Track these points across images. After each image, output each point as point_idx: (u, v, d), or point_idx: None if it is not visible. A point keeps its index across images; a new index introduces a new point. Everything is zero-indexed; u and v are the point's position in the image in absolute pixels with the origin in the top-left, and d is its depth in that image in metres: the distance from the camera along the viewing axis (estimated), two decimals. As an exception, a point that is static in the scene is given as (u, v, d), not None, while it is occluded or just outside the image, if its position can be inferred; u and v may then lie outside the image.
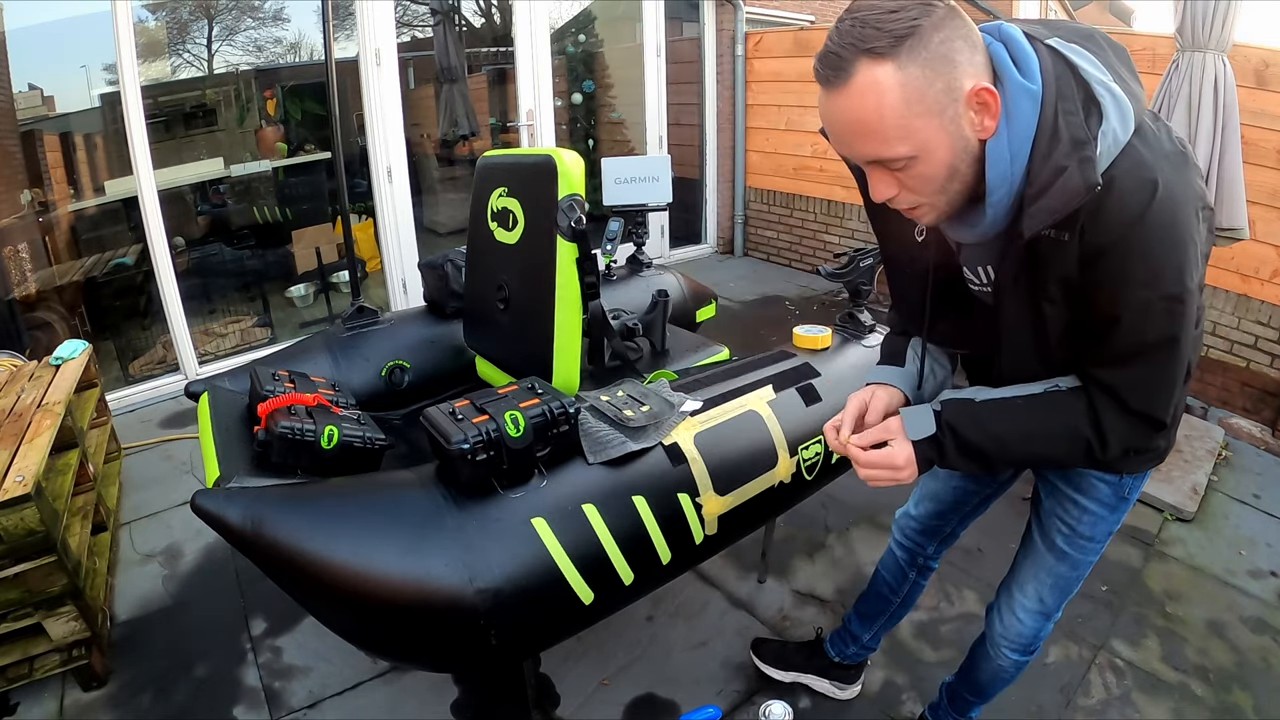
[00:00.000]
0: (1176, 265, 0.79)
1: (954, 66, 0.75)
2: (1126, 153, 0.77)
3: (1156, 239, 0.78)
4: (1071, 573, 1.20)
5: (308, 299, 4.45)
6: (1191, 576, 2.13)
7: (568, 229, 1.43)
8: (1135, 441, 0.93)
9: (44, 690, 1.75)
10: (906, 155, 0.78)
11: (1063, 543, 1.17)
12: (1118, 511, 1.13)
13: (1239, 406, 3.08)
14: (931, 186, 0.82)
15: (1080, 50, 0.81)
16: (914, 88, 0.74)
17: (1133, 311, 0.81)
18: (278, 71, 4.70)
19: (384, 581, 1.09)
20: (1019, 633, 1.28)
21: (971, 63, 0.77)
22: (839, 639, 1.69)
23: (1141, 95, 0.82)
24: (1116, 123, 0.77)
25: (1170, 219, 0.77)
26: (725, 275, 4.98)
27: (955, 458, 0.96)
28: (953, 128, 0.77)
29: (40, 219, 3.52)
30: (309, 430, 1.29)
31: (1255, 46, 2.71)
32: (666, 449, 1.35)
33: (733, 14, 4.88)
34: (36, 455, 1.67)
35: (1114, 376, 0.88)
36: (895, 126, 0.76)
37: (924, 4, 0.74)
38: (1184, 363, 0.87)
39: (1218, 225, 2.29)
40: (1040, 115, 0.78)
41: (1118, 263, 0.79)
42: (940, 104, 0.76)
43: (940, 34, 0.74)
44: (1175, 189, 0.77)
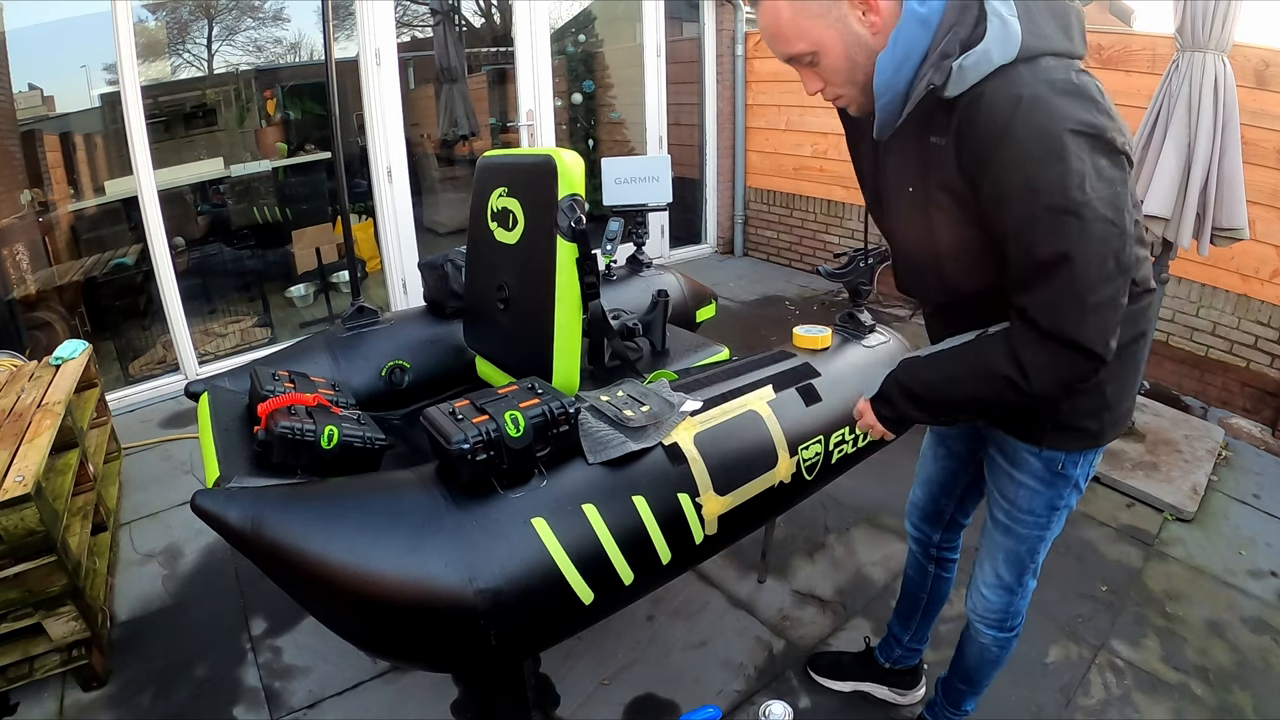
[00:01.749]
0: (1055, 177, 0.82)
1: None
2: (1003, 72, 0.85)
3: (1026, 150, 0.83)
4: (1019, 546, 1.23)
5: (308, 299, 4.45)
6: (1191, 576, 2.13)
7: (568, 229, 1.43)
8: (1061, 371, 0.91)
9: (44, 690, 1.75)
10: (807, 51, 0.96)
11: (1003, 516, 1.23)
12: (1054, 487, 1.15)
13: (1239, 406, 3.08)
14: (840, 77, 0.97)
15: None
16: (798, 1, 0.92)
17: (1018, 225, 0.87)
18: (278, 71, 4.70)
19: (384, 581, 1.09)
20: (986, 608, 1.32)
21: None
22: (885, 645, 1.69)
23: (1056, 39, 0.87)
24: (995, 44, 0.84)
25: (1038, 132, 0.83)
26: (725, 275, 4.98)
27: (904, 405, 1.09)
28: (840, 26, 0.92)
29: (40, 219, 3.52)
30: (309, 430, 1.29)
31: (1255, 46, 2.71)
32: (666, 449, 1.35)
33: (733, 14, 4.88)
34: (36, 455, 1.68)
35: (1022, 299, 0.91)
36: (791, 28, 0.95)
37: None
38: (1092, 279, 0.85)
39: (1217, 225, 2.29)
40: (934, 35, 0.89)
41: (995, 175, 0.86)
42: (823, 8, 0.92)
43: None
44: (1046, 106, 0.83)
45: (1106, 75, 3.18)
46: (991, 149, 0.85)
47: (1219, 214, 2.28)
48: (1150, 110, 2.33)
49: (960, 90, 0.86)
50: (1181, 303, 3.17)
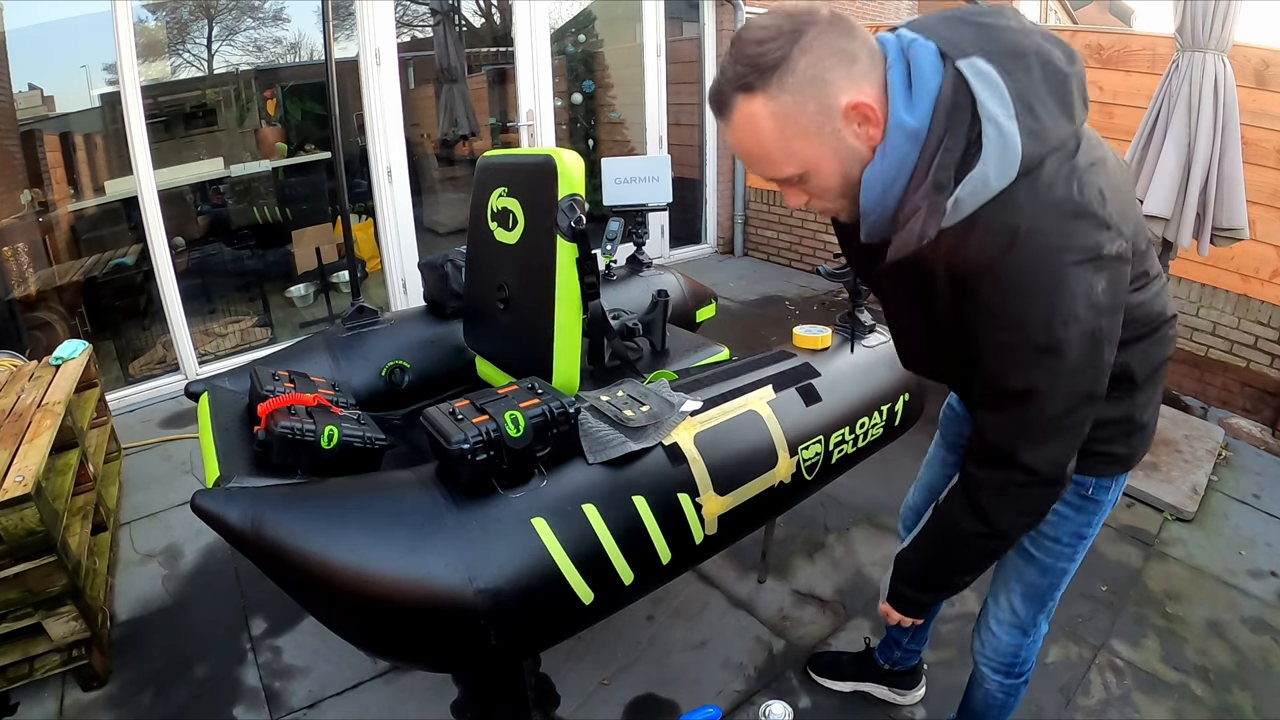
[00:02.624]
0: (1041, 314, 0.77)
1: (825, 85, 0.77)
2: (999, 198, 0.76)
3: (1017, 285, 0.78)
4: (1041, 579, 1.17)
5: (308, 299, 4.45)
6: (1191, 576, 2.13)
7: (568, 229, 1.43)
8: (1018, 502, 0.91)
9: (44, 690, 1.75)
10: (797, 173, 0.83)
11: (1028, 543, 1.16)
12: (1084, 513, 1.11)
13: (1239, 406, 3.08)
14: (831, 194, 0.86)
15: (993, 78, 0.77)
16: (786, 114, 0.78)
17: (995, 350, 0.83)
18: (278, 71, 4.70)
19: (384, 581, 1.09)
20: (995, 649, 1.26)
21: (849, 76, 0.78)
22: (885, 646, 1.69)
23: (1061, 133, 0.79)
24: (993, 167, 0.76)
25: (1032, 267, 0.77)
26: (725, 275, 4.98)
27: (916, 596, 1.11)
28: (834, 142, 0.80)
29: (40, 219, 3.52)
30: (309, 430, 1.29)
31: (1255, 46, 2.71)
32: (666, 449, 1.35)
33: (733, 14, 4.88)
34: (36, 455, 1.67)
35: (983, 414, 0.90)
36: (777, 151, 0.81)
37: (793, 30, 0.76)
38: (1057, 414, 0.83)
39: (1217, 225, 2.29)
40: (922, 149, 0.79)
41: (983, 302, 0.80)
42: (816, 123, 0.79)
43: (808, 57, 0.76)
44: (1045, 238, 0.76)
45: (1106, 75, 3.18)
46: (981, 278, 0.79)
47: (1219, 214, 2.28)
48: (1150, 110, 2.34)
49: (956, 220, 0.78)
50: (1181, 303, 3.17)
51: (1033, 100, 0.77)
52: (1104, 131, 3.26)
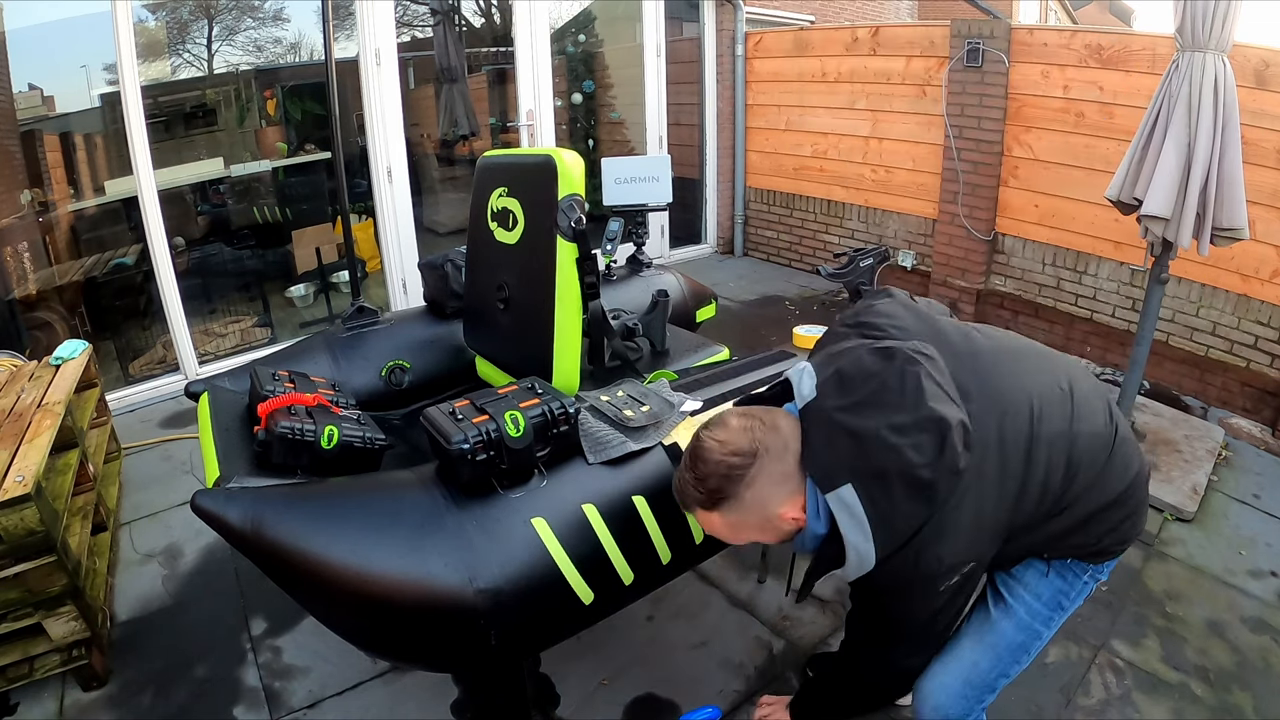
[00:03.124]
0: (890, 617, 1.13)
1: (767, 504, 1.04)
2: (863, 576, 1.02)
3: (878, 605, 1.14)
4: (1014, 634, 1.21)
5: (308, 299, 4.45)
6: (1191, 576, 2.13)
7: (568, 229, 1.43)
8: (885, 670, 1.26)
9: (44, 690, 1.75)
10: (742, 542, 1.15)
11: (1005, 592, 1.22)
12: (1065, 579, 1.18)
13: (1239, 406, 3.07)
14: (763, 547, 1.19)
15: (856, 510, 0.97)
16: (736, 523, 1.07)
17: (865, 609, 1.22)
18: (278, 71, 4.70)
19: (384, 582, 1.09)
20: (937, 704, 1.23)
21: (783, 493, 1.04)
22: None
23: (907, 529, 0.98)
24: (852, 569, 1.01)
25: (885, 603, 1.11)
26: (725, 275, 4.98)
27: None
28: (772, 530, 1.08)
29: (40, 219, 3.52)
30: (309, 430, 1.29)
31: (1255, 46, 2.71)
32: (666, 449, 1.35)
33: (733, 14, 4.88)
34: (36, 455, 1.67)
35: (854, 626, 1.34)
36: (729, 537, 1.12)
37: (742, 468, 1.01)
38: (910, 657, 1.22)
39: (1217, 225, 2.29)
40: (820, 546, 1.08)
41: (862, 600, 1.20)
42: (759, 525, 1.07)
43: (751, 490, 1.02)
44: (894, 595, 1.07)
45: (1106, 75, 3.18)
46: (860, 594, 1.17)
47: (1219, 214, 2.27)
48: (1150, 110, 2.33)
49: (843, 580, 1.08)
50: (1181, 303, 3.17)
51: (890, 516, 0.97)
52: (1104, 131, 3.25)
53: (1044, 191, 3.60)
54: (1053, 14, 12.57)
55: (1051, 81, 3.42)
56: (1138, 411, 2.85)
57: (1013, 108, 3.62)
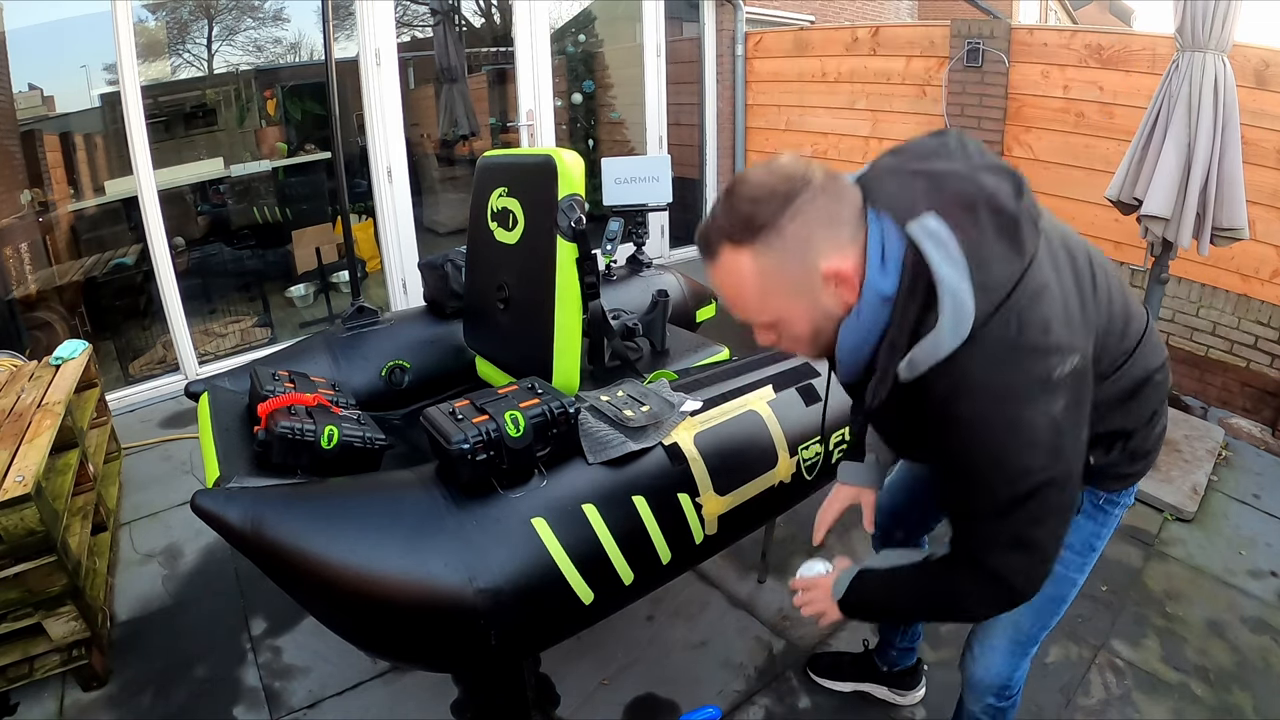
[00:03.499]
0: (998, 450, 0.82)
1: (810, 250, 0.82)
2: (952, 358, 0.80)
3: (972, 430, 0.82)
4: (1050, 588, 1.11)
5: (308, 299, 4.45)
6: (1191, 576, 2.13)
7: (568, 229, 1.43)
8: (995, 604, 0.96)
9: (44, 690, 1.75)
10: (769, 322, 0.89)
11: None
12: (1095, 520, 1.12)
13: (1239, 406, 3.07)
14: (800, 344, 0.92)
15: (944, 237, 0.80)
16: (769, 273, 0.83)
17: (967, 485, 0.88)
18: (278, 71, 4.70)
19: (384, 581, 1.09)
20: (986, 668, 1.22)
21: (833, 241, 0.82)
22: (881, 650, 1.69)
23: (1007, 273, 0.80)
24: (946, 332, 0.79)
25: (983, 412, 0.81)
26: (725, 275, 4.98)
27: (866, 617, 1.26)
28: (809, 300, 0.85)
29: (40, 219, 3.52)
30: (309, 430, 1.29)
31: (1255, 46, 2.71)
32: (666, 449, 1.35)
33: (733, 14, 4.88)
34: (36, 455, 1.67)
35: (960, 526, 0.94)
36: (755, 301, 0.86)
37: (786, 194, 0.80)
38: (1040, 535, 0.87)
39: (1217, 225, 2.29)
40: (893, 310, 0.84)
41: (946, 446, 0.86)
42: (795, 284, 0.84)
43: (797, 223, 0.81)
44: (989, 384, 0.80)
45: (1106, 75, 3.18)
46: (944, 427, 0.84)
47: (1219, 214, 2.28)
48: (1150, 110, 2.34)
49: (914, 376, 0.83)
50: (1181, 303, 3.17)
51: (984, 254, 0.80)
52: (1104, 131, 3.25)
53: (1044, 191, 3.59)
54: (1053, 14, 12.57)
55: (1051, 81, 3.42)
56: (1138, 411, 2.85)
57: (1013, 108, 3.62)
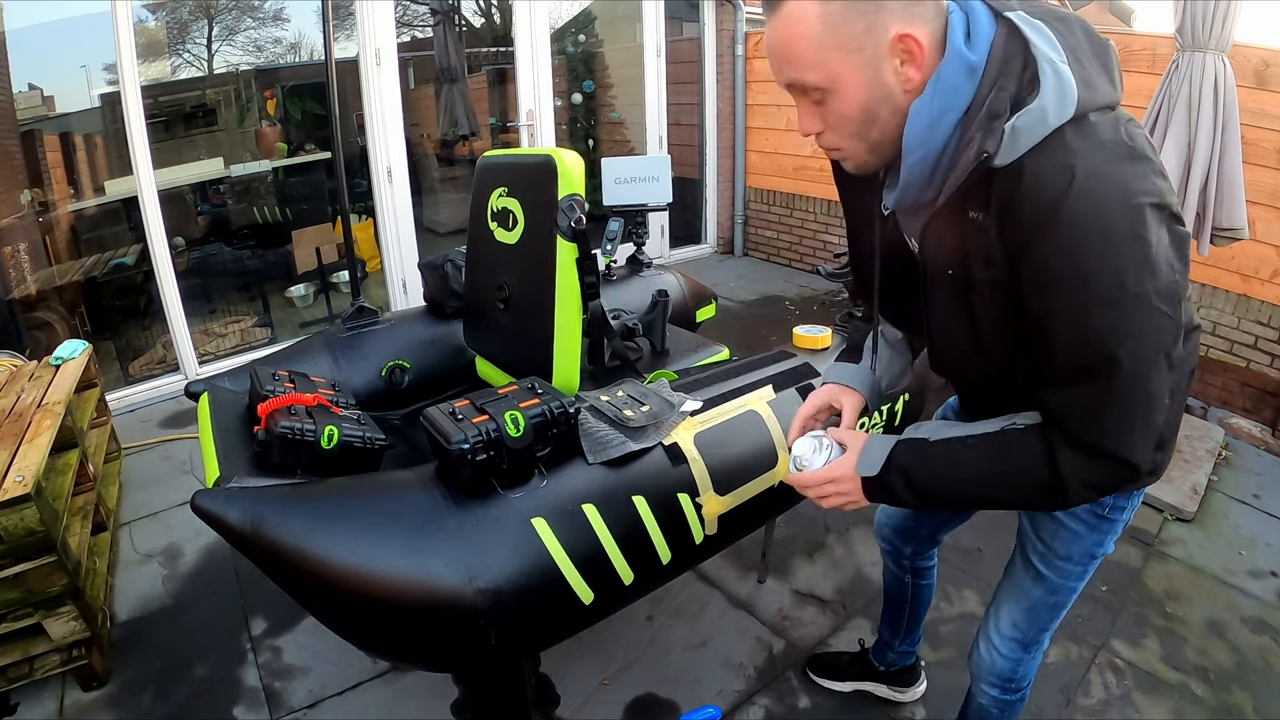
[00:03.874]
0: (1114, 265, 0.70)
1: (881, 9, 0.74)
2: (1053, 138, 0.72)
3: (1080, 233, 0.71)
4: (1048, 597, 1.13)
5: (308, 299, 4.45)
6: (1191, 576, 2.13)
7: (568, 229, 1.43)
8: (1098, 481, 0.82)
9: (44, 690, 1.75)
10: (819, 85, 0.78)
11: (1038, 561, 1.11)
12: (1097, 531, 1.06)
13: (1239, 406, 3.08)
14: (848, 128, 0.81)
15: (1044, 29, 0.75)
16: (833, 22, 0.75)
17: (1065, 319, 0.75)
18: (278, 71, 4.70)
19: (384, 581, 1.09)
20: (993, 664, 1.22)
21: (908, 10, 0.75)
22: (878, 649, 1.68)
23: (1104, 89, 0.77)
24: (1051, 102, 0.72)
25: (1096, 210, 0.70)
26: (725, 275, 4.98)
27: (907, 497, 0.93)
28: (869, 70, 0.76)
29: (40, 219, 3.52)
30: (309, 430, 1.29)
31: (1255, 46, 2.71)
32: (666, 449, 1.35)
33: (733, 14, 4.88)
34: (36, 455, 1.67)
35: (1058, 400, 0.80)
36: (810, 54, 0.77)
37: None
38: (1146, 385, 0.75)
39: (1217, 225, 2.29)
40: (978, 89, 0.75)
41: (1042, 259, 0.73)
42: (859, 42, 0.75)
43: None
44: (1106, 178, 0.71)
45: (1106, 75, 3.18)
46: (1040, 229, 0.72)
47: (1219, 214, 2.28)
48: (1150, 110, 2.34)
49: (1011, 159, 0.73)
50: (1181, 303, 3.17)
51: (1081, 55, 0.76)
52: (1104, 131, 3.16)
53: (1044, 191, 3.60)
54: (1053, 14, 12.55)
55: (1051, 81, 3.42)
56: (1138, 411, 2.85)
57: (1013, 108, 3.62)
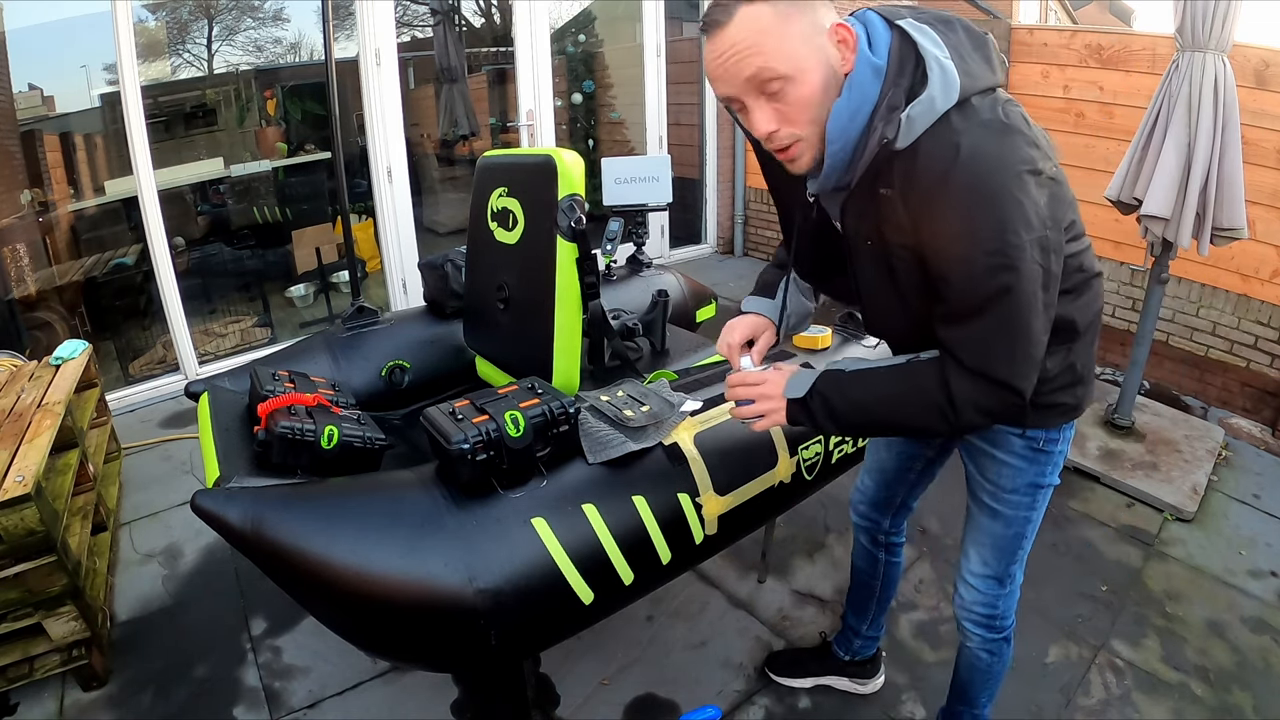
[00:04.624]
0: (994, 222, 0.84)
1: (814, 6, 0.88)
2: (940, 122, 0.87)
3: (966, 197, 0.85)
4: (1006, 530, 1.23)
5: (308, 299, 4.45)
6: (1191, 576, 2.13)
7: (568, 229, 1.43)
8: (986, 404, 0.95)
9: (44, 690, 1.75)
10: (786, 73, 0.88)
11: (987, 499, 1.22)
12: (1036, 464, 1.16)
13: (1239, 406, 3.08)
14: (810, 112, 0.91)
15: (929, 31, 0.90)
16: (786, 16, 0.87)
17: (956, 267, 0.89)
18: (278, 71, 4.70)
19: (384, 582, 1.09)
20: (973, 600, 1.30)
21: (829, 8, 0.91)
22: (842, 638, 1.71)
23: (984, 75, 0.91)
24: (938, 92, 0.86)
25: (977, 177, 0.84)
26: (725, 275, 4.98)
27: (824, 420, 1.06)
28: (822, 54, 0.89)
29: (40, 219, 3.52)
30: (309, 430, 1.29)
31: (1255, 46, 2.71)
32: (666, 449, 1.35)
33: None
34: (36, 455, 1.67)
35: (951, 334, 0.94)
36: (776, 46, 0.87)
37: None
38: (1025, 322, 0.89)
39: (1217, 225, 2.29)
40: (882, 86, 0.89)
41: (937, 221, 0.88)
42: (808, 32, 0.88)
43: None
44: (984, 150, 0.85)
45: (1106, 75, 3.18)
46: (934, 195, 0.87)
47: (1219, 214, 2.28)
48: (1150, 110, 2.34)
49: (909, 141, 0.88)
50: (1181, 303, 3.17)
51: (961, 50, 0.91)
52: (1104, 131, 3.25)
53: (1044, 191, 3.60)
54: (1053, 14, 12.55)
55: (1051, 81, 3.42)
56: (1138, 411, 2.85)
57: (1013, 108, 3.62)
